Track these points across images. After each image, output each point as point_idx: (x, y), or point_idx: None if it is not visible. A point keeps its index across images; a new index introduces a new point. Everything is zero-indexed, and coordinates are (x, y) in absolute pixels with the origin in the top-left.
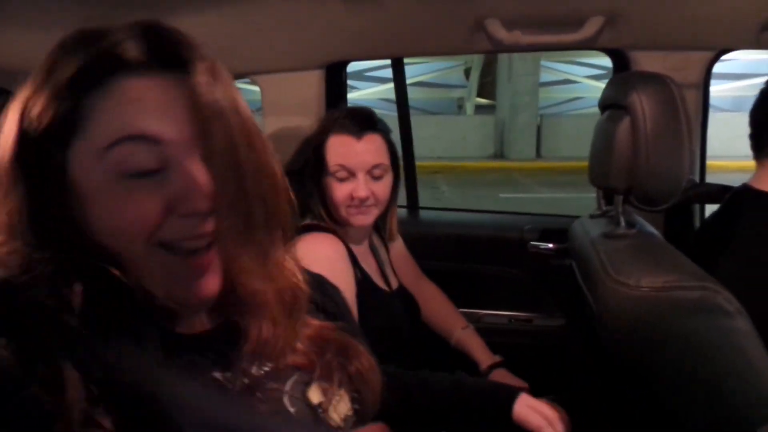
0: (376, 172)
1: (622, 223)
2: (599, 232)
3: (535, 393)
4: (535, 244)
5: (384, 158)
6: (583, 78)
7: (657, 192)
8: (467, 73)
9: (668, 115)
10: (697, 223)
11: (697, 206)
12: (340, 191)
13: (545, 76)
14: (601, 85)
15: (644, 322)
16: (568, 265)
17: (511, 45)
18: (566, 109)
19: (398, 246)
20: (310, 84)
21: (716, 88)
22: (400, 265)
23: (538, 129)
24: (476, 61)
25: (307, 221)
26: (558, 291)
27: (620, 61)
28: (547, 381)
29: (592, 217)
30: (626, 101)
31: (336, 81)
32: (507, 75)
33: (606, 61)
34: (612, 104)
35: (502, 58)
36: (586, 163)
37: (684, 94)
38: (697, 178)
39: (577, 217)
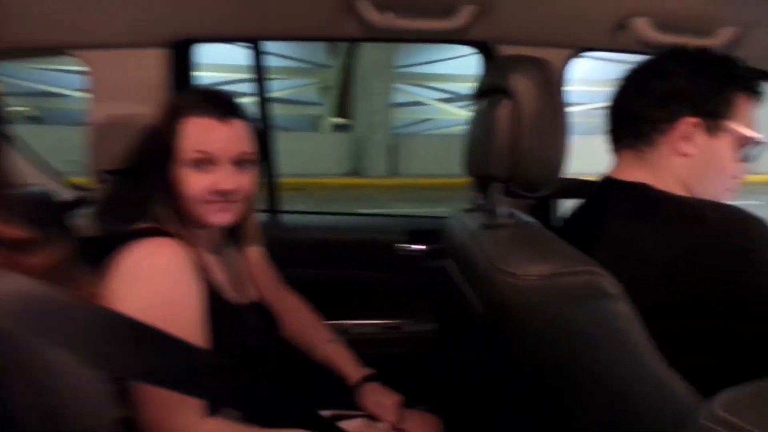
0: (243, 162)
1: (501, 213)
2: (478, 224)
3: (410, 403)
4: (404, 247)
5: (251, 147)
6: (432, 101)
7: (539, 177)
8: (323, 90)
9: (548, 98)
10: (554, 219)
11: (554, 202)
12: (197, 183)
13: (398, 98)
14: (449, 108)
15: (534, 312)
16: (440, 266)
17: (383, 29)
18: (418, 130)
19: (256, 253)
20: (151, 65)
21: None
22: (259, 274)
23: (396, 148)
24: (334, 79)
25: (141, 225)
26: (429, 294)
27: (488, 56)
28: (422, 390)
29: (466, 210)
30: (506, 84)
31: (182, 64)
32: (363, 94)
33: (454, 87)
34: (490, 90)
35: (359, 78)
36: (440, 180)
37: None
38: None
39: (444, 218)
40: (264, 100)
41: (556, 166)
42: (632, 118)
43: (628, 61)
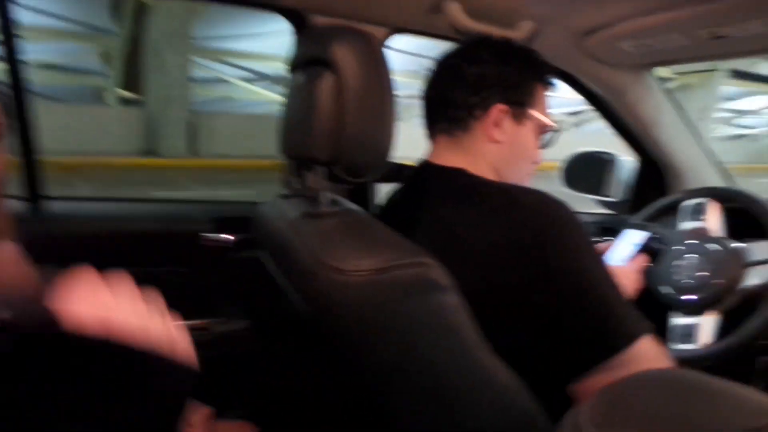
0: None
1: (325, 200)
2: (297, 212)
3: (222, 411)
4: (210, 237)
5: None
6: (235, 79)
7: (366, 161)
8: (106, 58)
9: (375, 74)
10: (372, 205)
11: (372, 187)
12: None
13: (197, 73)
14: (254, 88)
15: (363, 310)
16: (252, 258)
17: None
18: (220, 108)
19: (8, 252)
20: None
21: None
22: (11, 279)
23: (194, 126)
24: (118, 47)
25: None
26: (240, 290)
27: (299, 26)
28: (236, 395)
29: (283, 197)
30: (327, 55)
31: None
32: (156, 66)
33: (260, 66)
34: (308, 61)
35: (150, 48)
36: (246, 162)
37: None
38: None
39: (256, 204)
40: (15, 62)
41: (384, 149)
42: (448, 103)
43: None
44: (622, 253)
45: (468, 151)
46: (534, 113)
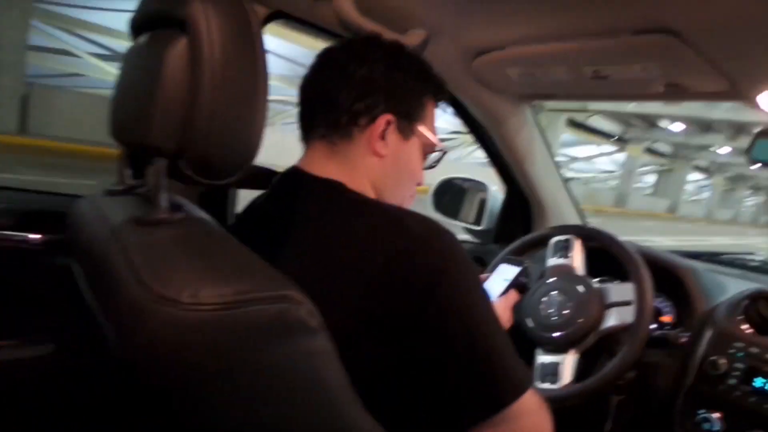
0: None
1: (164, 203)
2: (125, 216)
3: None
4: (10, 235)
5: None
6: (85, 53)
7: (223, 156)
8: None
9: (248, 48)
10: (231, 215)
11: (233, 193)
12: None
13: (38, 40)
14: (107, 66)
15: (206, 357)
16: (65, 265)
17: None
18: (63, 84)
19: None
20: None
21: None
22: None
23: (26, 100)
24: None
25: None
26: (47, 304)
27: None
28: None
29: (111, 193)
30: (185, 13)
31: None
32: None
33: (115, 44)
34: (156, 19)
35: None
36: (84, 147)
37: None
38: None
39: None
40: None
41: (249, 146)
42: (330, 105)
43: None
44: (496, 288)
45: (347, 162)
46: (422, 129)
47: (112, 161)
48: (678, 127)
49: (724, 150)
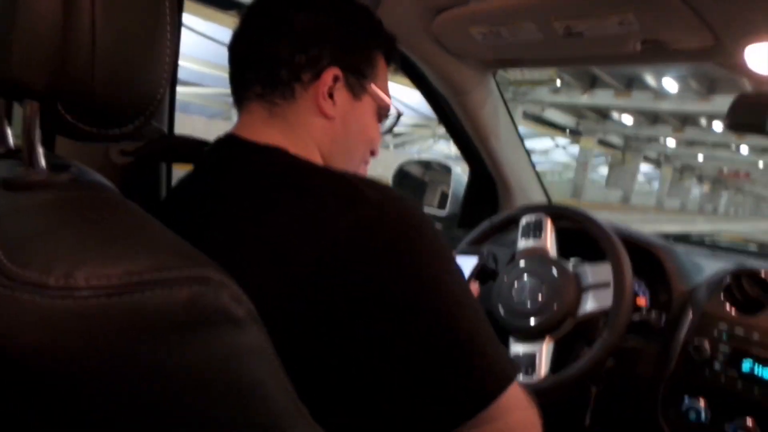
0: None
1: (41, 162)
2: None
3: None
4: None
5: None
6: None
7: (118, 96)
8: None
9: None
10: (163, 191)
11: (164, 168)
12: None
13: None
14: None
15: (77, 357)
16: None
17: None
18: None
19: None
20: None
21: None
22: None
23: None
24: None
25: None
26: None
27: None
28: None
29: None
30: None
31: None
32: None
33: None
34: None
35: None
36: None
37: None
38: (165, 129)
39: None
40: None
41: (154, 82)
42: (265, 58)
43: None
44: None
45: (289, 125)
46: (374, 88)
47: None
48: (628, 119)
49: (671, 141)
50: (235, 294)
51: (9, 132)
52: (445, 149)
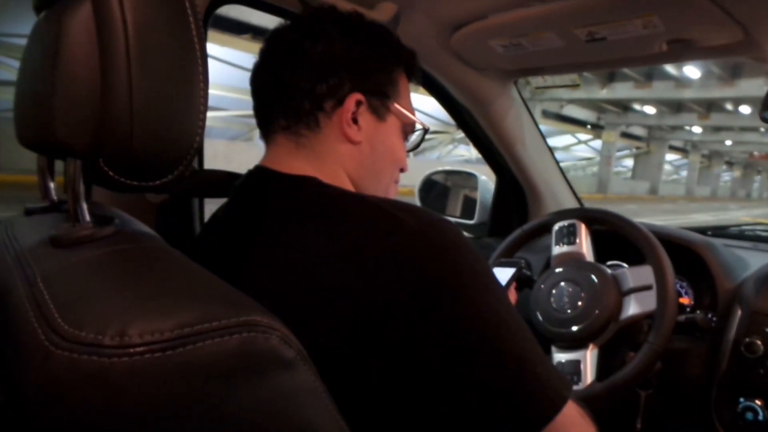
0: None
1: (85, 217)
2: (40, 237)
3: None
4: None
5: None
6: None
7: (155, 151)
8: None
9: (176, 18)
10: (198, 226)
11: (196, 203)
12: None
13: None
14: None
15: (139, 415)
16: None
17: None
18: None
19: None
20: None
21: None
22: None
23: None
24: None
25: None
26: None
27: None
28: None
29: (29, 212)
30: None
31: None
32: None
33: None
34: None
35: None
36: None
37: None
38: (196, 163)
39: None
40: None
41: (189, 135)
42: (286, 91)
43: None
44: None
45: (317, 155)
46: (397, 107)
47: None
48: (650, 110)
49: (697, 129)
50: (284, 336)
51: (52, 186)
52: (465, 153)
